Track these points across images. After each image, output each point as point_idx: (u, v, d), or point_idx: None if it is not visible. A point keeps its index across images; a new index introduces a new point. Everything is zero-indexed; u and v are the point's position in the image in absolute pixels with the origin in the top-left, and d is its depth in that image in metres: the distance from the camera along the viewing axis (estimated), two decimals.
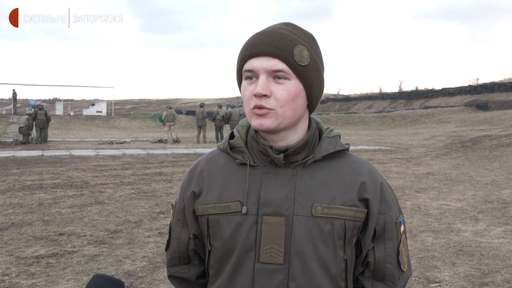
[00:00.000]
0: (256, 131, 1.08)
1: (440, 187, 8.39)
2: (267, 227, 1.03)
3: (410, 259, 1.17)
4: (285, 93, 1.00)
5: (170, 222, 1.21)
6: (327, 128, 1.12)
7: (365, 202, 1.06)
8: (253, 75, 1.02)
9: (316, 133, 1.10)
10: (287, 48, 1.00)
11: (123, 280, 3.77)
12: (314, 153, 1.07)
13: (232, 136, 1.14)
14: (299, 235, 1.02)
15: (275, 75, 1.00)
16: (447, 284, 3.84)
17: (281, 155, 1.04)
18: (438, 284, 3.86)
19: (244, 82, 1.05)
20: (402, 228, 1.12)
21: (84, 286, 3.76)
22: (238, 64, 1.06)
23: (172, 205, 1.21)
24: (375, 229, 1.07)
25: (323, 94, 1.11)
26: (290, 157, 1.06)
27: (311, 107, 1.09)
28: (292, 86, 1.01)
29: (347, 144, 1.12)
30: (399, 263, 1.10)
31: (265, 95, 1.00)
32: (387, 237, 1.09)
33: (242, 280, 1.05)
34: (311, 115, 1.13)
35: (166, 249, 1.21)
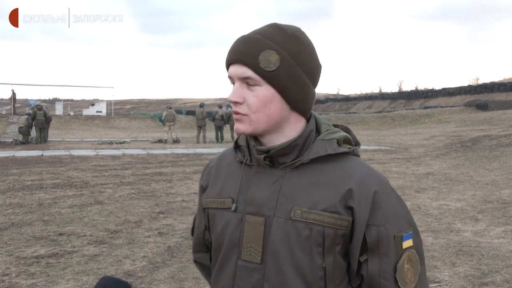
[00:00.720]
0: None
1: (440, 187, 8.39)
2: (249, 226, 1.05)
3: (424, 280, 1.08)
4: (255, 99, 1.01)
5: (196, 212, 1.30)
6: (327, 130, 1.08)
7: (351, 210, 1.01)
8: (232, 82, 1.06)
9: (311, 135, 1.07)
10: (253, 54, 1.00)
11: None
12: (303, 155, 1.05)
13: None
14: (275, 237, 1.02)
15: (246, 81, 1.02)
16: (447, 284, 3.84)
17: (262, 156, 1.05)
18: (438, 284, 3.86)
19: None
20: (407, 243, 1.04)
21: (91, 287, 3.76)
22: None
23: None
24: (366, 241, 1.02)
25: (324, 94, 1.10)
26: (278, 159, 1.05)
27: (299, 109, 1.06)
28: (262, 92, 1.01)
29: (349, 147, 1.07)
30: (396, 281, 1.02)
31: (237, 102, 1.02)
32: (382, 251, 1.02)
33: (226, 274, 1.08)
34: (318, 116, 1.11)
35: (191, 234, 1.30)
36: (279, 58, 1.00)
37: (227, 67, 1.06)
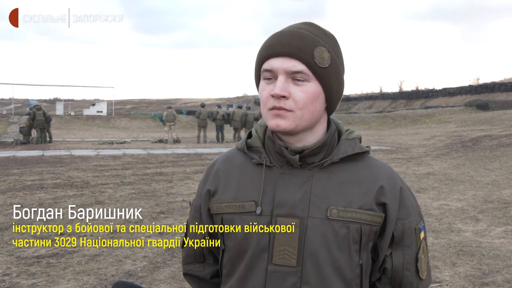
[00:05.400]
0: (273, 131, 1.06)
1: (441, 187, 8.39)
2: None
3: (430, 267, 1.14)
4: (304, 95, 0.99)
5: (187, 220, 1.22)
6: (347, 130, 1.10)
7: (383, 206, 1.04)
8: (272, 75, 1.01)
9: (335, 135, 1.08)
10: (307, 49, 0.98)
11: (123, 280, 3.77)
12: (332, 155, 1.05)
13: (250, 135, 1.13)
14: (313, 238, 1.00)
15: (294, 76, 0.99)
16: (447, 284, 3.84)
17: (297, 156, 1.02)
18: (438, 284, 3.86)
19: (262, 82, 1.04)
20: (422, 235, 1.09)
21: (91, 287, 3.76)
22: (257, 63, 1.05)
23: (189, 203, 1.21)
24: (393, 234, 1.05)
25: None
26: (307, 159, 1.04)
27: (329, 109, 1.07)
28: (311, 88, 0.99)
29: (367, 146, 1.09)
30: (417, 271, 1.07)
31: (283, 96, 0.98)
32: (406, 243, 1.06)
33: (254, 281, 1.03)
34: (331, 116, 1.11)
35: (182, 246, 1.22)
36: (330, 56, 1.00)
37: (266, 59, 1.01)
